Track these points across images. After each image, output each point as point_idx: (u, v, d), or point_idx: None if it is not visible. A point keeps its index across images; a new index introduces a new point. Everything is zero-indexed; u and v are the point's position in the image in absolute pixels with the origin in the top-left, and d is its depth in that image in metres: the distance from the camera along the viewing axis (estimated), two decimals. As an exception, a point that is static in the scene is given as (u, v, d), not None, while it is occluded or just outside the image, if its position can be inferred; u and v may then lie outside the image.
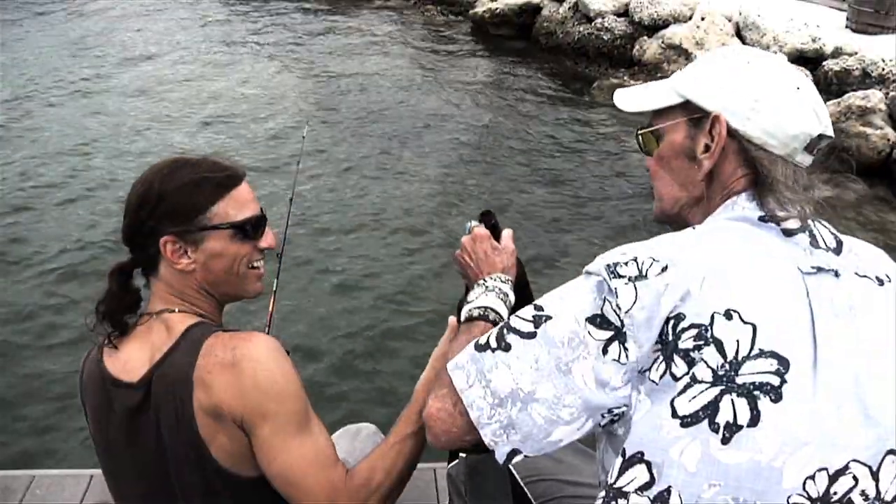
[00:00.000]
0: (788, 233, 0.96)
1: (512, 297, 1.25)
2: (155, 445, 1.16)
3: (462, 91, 8.13)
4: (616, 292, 0.91)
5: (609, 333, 0.91)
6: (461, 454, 1.53)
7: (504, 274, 1.28)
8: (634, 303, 0.89)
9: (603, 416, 0.93)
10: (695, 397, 0.86)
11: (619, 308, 0.90)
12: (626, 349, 0.90)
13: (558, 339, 0.93)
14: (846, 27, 8.16)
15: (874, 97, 6.58)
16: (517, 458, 0.95)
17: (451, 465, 1.58)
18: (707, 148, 1.02)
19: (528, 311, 0.99)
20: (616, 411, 0.92)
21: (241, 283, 1.28)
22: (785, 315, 0.88)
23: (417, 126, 7.09)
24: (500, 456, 0.95)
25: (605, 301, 0.92)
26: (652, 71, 8.23)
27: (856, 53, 7.26)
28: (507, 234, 1.36)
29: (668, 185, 1.10)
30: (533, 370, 0.93)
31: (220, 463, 1.15)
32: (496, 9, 10.07)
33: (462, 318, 1.23)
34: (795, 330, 0.88)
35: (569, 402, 0.91)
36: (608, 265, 0.94)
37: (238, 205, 1.24)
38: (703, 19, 8.41)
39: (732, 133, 1.00)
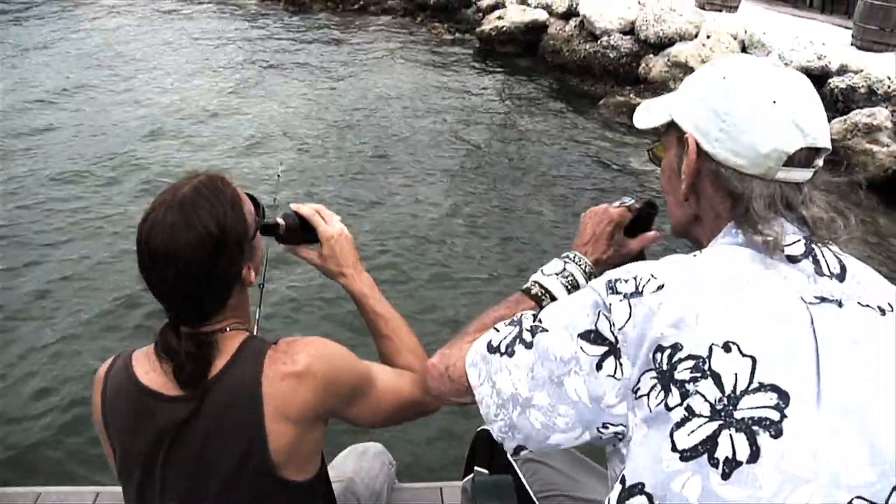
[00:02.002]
0: (793, 259, 0.92)
1: None
2: (198, 457, 1.15)
3: (468, 108, 8.17)
4: (610, 308, 0.92)
5: (603, 349, 0.92)
6: (476, 468, 1.53)
7: (593, 266, 1.26)
8: (628, 320, 0.90)
9: (600, 431, 0.93)
10: (693, 431, 0.84)
11: (614, 325, 0.91)
12: (621, 365, 0.90)
13: (551, 353, 0.96)
14: (851, 45, 8.21)
15: (880, 115, 6.60)
16: (524, 453, 1.03)
17: (465, 479, 1.58)
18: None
19: (530, 321, 1.01)
20: (614, 429, 0.92)
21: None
22: (787, 347, 0.85)
23: (423, 143, 7.12)
24: (509, 449, 1.03)
25: (599, 316, 0.93)
26: (658, 89, 8.26)
27: (861, 71, 7.28)
28: (649, 235, 1.31)
29: (669, 202, 1.10)
30: (529, 378, 0.98)
31: (279, 468, 1.15)
32: (503, 27, 10.16)
33: (526, 285, 1.25)
34: (798, 362, 0.85)
35: (563, 412, 0.95)
36: (609, 281, 0.95)
37: (245, 200, 1.23)
38: (708, 37, 8.46)
39: (703, 154, 0.98)
